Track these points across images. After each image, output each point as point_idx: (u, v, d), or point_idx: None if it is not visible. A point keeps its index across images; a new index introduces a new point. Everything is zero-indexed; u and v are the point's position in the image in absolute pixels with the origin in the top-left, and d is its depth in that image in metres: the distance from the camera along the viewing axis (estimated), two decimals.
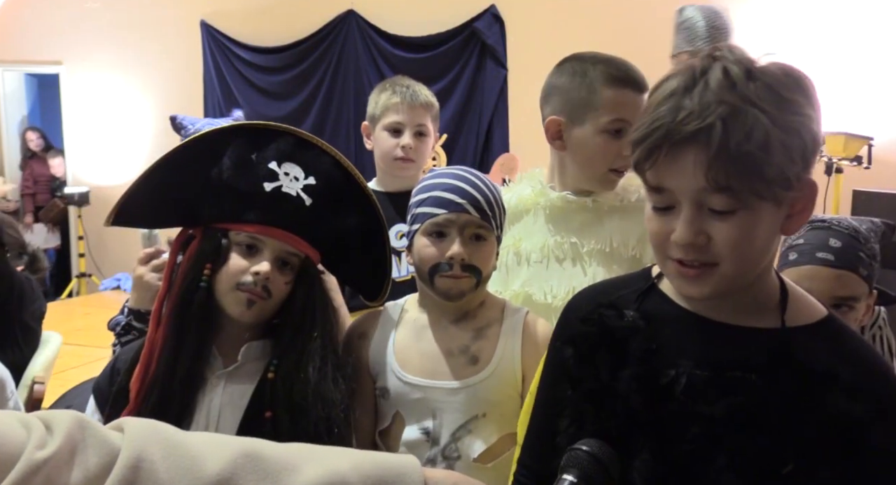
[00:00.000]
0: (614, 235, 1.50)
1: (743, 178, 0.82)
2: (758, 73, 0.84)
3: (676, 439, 0.88)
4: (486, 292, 1.40)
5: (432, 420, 1.31)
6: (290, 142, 1.23)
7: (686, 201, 0.86)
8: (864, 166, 4.18)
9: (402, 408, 1.33)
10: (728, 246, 0.85)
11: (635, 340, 0.93)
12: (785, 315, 0.92)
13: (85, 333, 4.56)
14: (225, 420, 1.22)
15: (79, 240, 6.86)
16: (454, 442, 1.29)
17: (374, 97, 2.05)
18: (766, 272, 0.94)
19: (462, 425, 1.30)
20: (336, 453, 0.75)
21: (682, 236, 0.86)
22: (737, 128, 0.81)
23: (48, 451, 0.64)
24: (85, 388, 2.25)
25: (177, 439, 0.71)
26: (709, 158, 0.82)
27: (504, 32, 5.75)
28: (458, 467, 1.29)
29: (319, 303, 1.28)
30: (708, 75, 0.84)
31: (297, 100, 6.28)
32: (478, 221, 1.30)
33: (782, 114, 0.82)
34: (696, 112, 0.82)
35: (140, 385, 1.20)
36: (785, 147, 0.82)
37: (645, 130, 0.86)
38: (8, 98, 7.78)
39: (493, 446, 1.29)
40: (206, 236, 1.24)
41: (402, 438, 1.32)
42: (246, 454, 0.71)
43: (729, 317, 0.93)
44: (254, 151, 1.22)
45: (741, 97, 0.82)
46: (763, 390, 0.87)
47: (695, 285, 0.89)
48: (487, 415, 1.30)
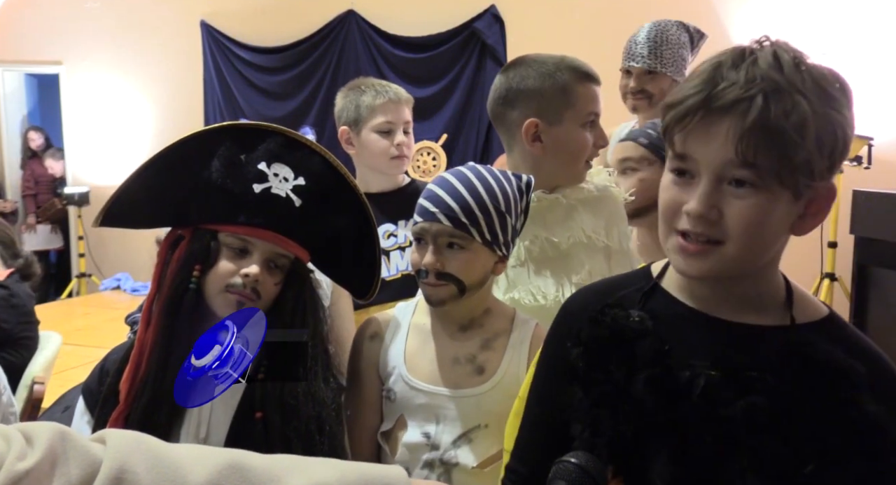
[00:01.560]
0: (585, 225, 1.53)
1: (771, 155, 0.82)
2: (805, 65, 0.84)
3: (695, 442, 0.87)
4: (492, 299, 1.40)
5: (435, 425, 1.31)
6: (279, 142, 1.22)
7: (707, 173, 0.85)
8: (864, 166, 4.18)
9: (406, 411, 1.34)
10: (738, 225, 0.84)
11: (645, 340, 0.92)
12: (792, 313, 0.91)
13: (85, 333, 4.56)
14: (216, 420, 1.22)
15: (79, 240, 6.86)
16: (454, 449, 1.30)
17: (352, 101, 2.03)
18: (772, 268, 0.93)
19: (463, 434, 1.30)
20: (322, 465, 0.75)
21: (695, 207, 0.85)
22: (778, 105, 0.81)
23: (29, 462, 0.64)
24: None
25: (160, 450, 0.71)
26: (743, 129, 0.81)
27: (504, 32, 5.74)
28: (455, 473, 1.29)
29: (309, 303, 1.28)
30: (757, 54, 0.84)
31: (297, 100, 6.27)
32: (449, 231, 1.28)
33: (823, 106, 0.82)
34: (741, 84, 0.82)
35: (130, 386, 1.20)
36: (819, 138, 0.82)
37: (683, 94, 0.86)
38: (8, 98, 7.76)
39: (492, 456, 1.30)
40: (195, 237, 1.23)
41: (402, 439, 1.33)
42: (231, 466, 0.70)
43: (735, 315, 0.92)
44: (243, 152, 1.21)
45: (787, 80, 0.82)
46: (779, 389, 0.86)
47: (694, 262, 0.88)
48: (490, 426, 1.30)
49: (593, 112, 1.55)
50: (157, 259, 1.27)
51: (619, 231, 1.58)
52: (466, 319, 1.36)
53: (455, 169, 1.35)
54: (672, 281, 0.98)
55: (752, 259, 0.89)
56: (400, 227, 1.98)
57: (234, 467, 0.70)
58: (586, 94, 1.53)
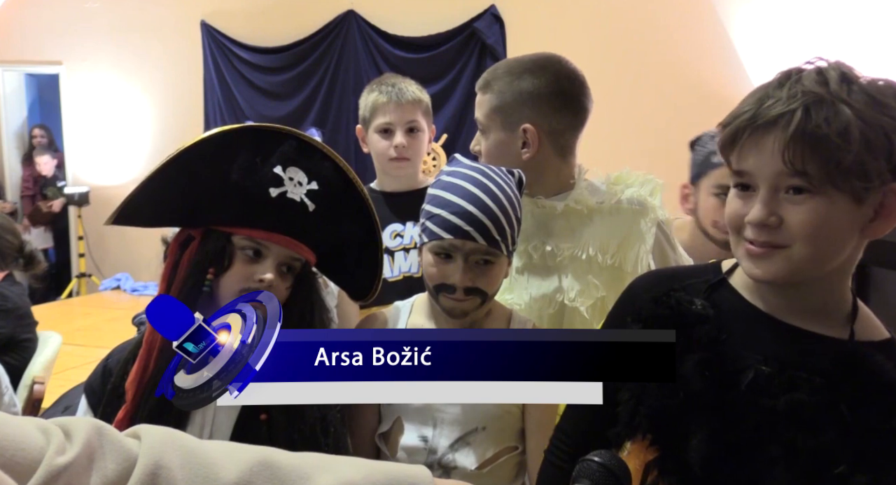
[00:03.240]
0: (592, 240, 1.47)
1: (819, 162, 0.85)
2: (854, 79, 0.88)
3: (735, 426, 0.91)
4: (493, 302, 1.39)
5: (432, 429, 1.31)
6: (293, 146, 1.22)
7: (764, 184, 0.90)
8: None
9: (403, 414, 1.33)
10: (800, 228, 0.88)
11: (703, 327, 0.96)
12: (853, 329, 0.94)
13: (85, 333, 4.56)
14: (220, 422, 1.22)
15: (79, 240, 6.85)
16: (452, 453, 1.29)
17: (363, 99, 2.03)
18: (840, 279, 0.96)
19: (461, 437, 1.30)
20: (348, 464, 0.76)
21: (756, 215, 0.90)
22: (818, 114, 0.85)
23: (68, 457, 0.65)
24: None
25: (193, 446, 0.72)
26: (786, 140, 0.86)
27: (504, 32, 5.74)
28: (454, 475, 1.29)
29: (317, 305, 1.28)
30: (803, 73, 0.89)
31: (298, 100, 6.27)
32: (484, 249, 1.27)
33: (869, 110, 0.85)
34: (783, 100, 0.87)
35: (137, 386, 1.19)
36: (866, 140, 0.84)
37: (734, 114, 0.91)
38: (8, 98, 7.77)
39: (490, 458, 1.29)
40: (208, 239, 1.22)
41: (399, 443, 1.32)
42: (261, 463, 0.71)
43: (797, 320, 0.95)
44: (259, 155, 1.20)
45: (829, 92, 0.86)
46: (826, 392, 0.89)
47: (762, 264, 0.92)
48: (487, 428, 1.30)
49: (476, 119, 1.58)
50: (167, 259, 1.26)
51: (638, 252, 1.45)
52: (469, 322, 1.34)
53: (466, 174, 1.31)
54: (740, 280, 1.02)
55: (819, 262, 0.91)
56: (408, 228, 1.96)
57: (265, 464, 0.71)
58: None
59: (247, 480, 0.69)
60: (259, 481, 0.70)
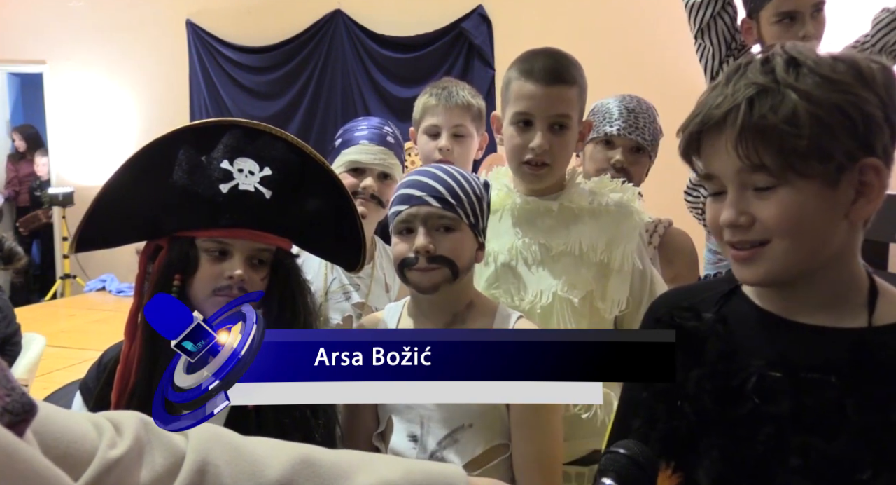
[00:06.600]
0: (583, 238, 1.52)
1: (773, 153, 0.83)
2: (803, 61, 0.85)
3: (748, 441, 0.88)
4: (475, 293, 1.40)
5: (420, 427, 1.31)
6: (237, 135, 1.20)
7: (730, 184, 0.88)
8: None
9: (393, 413, 1.34)
10: (773, 223, 0.86)
11: (711, 341, 0.94)
12: (874, 313, 0.90)
13: (69, 334, 4.51)
14: None
15: (63, 241, 6.79)
16: (441, 451, 1.29)
17: (418, 101, 2.07)
18: (843, 266, 0.92)
19: (448, 435, 1.30)
20: (385, 462, 0.77)
21: (726, 217, 0.89)
22: (763, 104, 0.83)
23: (120, 450, 0.66)
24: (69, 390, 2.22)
25: (238, 443, 0.74)
26: (736, 136, 0.84)
27: (491, 33, 5.75)
28: None
29: (298, 292, 1.28)
30: (749, 66, 0.87)
31: (285, 100, 6.25)
32: (439, 212, 1.30)
33: (819, 90, 0.83)
34: (729, 96, 0.86)
35: (118, 398, 1.19)
36: (820, 122, 0.82)
37: (687, 120, 0.91)
38: None
39: (479, 457, 1.29)
40: (172, 247, 1.22)
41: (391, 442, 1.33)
42: (303, 461, 0.73)
43: (810, 317, 0.92)
44: (203, 153, 1.19)
45: (774, 80, 0.84)
46: (842, 391, 0.85)
47: (748, 268, 0.90)
48: (474, 425, 1.29)
49: (521, 111, 1.51)
50: (138, 271, 1.25)
51: (624, 251, 1.53)
52: (450, 314, 1.35)
53: (426, 165, 1.38)
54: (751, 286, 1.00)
55: (806, 254, 0.88)
56: None
57: (306, 461, 0.73)
58: (518, 91, 1.52)
59: (290, 477, 0.71)
60: (301, 478, 0.72)
